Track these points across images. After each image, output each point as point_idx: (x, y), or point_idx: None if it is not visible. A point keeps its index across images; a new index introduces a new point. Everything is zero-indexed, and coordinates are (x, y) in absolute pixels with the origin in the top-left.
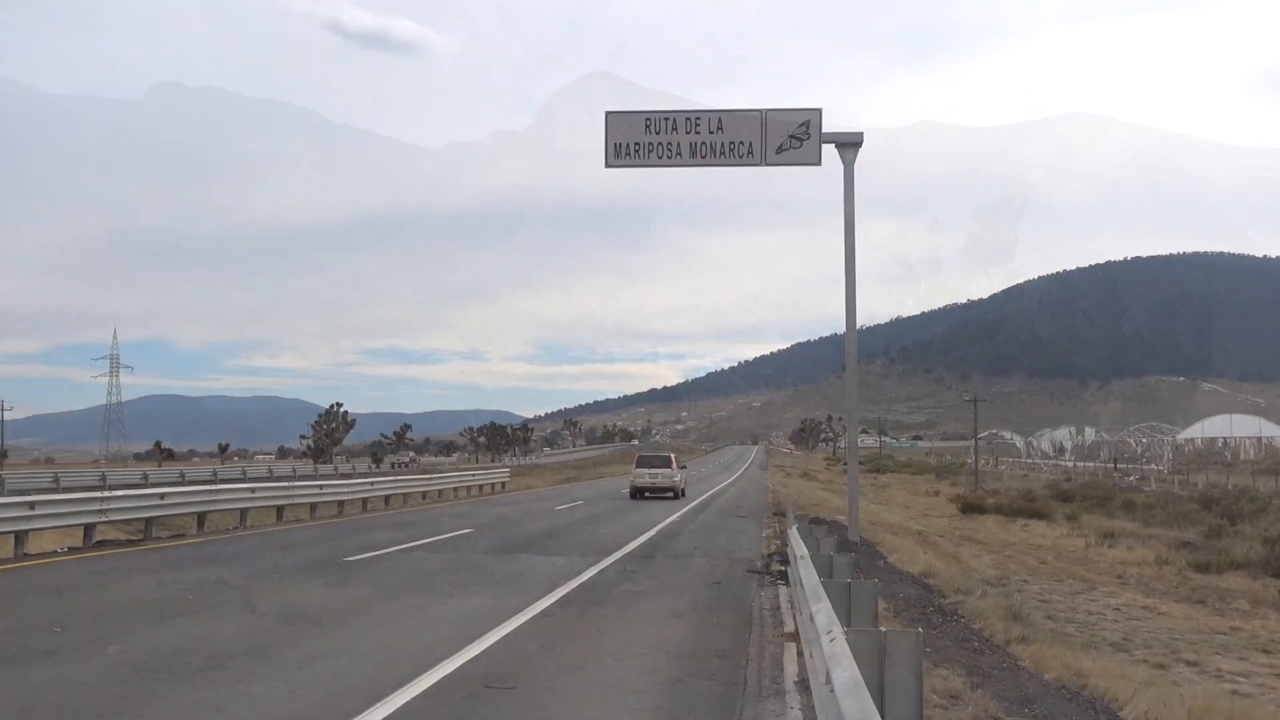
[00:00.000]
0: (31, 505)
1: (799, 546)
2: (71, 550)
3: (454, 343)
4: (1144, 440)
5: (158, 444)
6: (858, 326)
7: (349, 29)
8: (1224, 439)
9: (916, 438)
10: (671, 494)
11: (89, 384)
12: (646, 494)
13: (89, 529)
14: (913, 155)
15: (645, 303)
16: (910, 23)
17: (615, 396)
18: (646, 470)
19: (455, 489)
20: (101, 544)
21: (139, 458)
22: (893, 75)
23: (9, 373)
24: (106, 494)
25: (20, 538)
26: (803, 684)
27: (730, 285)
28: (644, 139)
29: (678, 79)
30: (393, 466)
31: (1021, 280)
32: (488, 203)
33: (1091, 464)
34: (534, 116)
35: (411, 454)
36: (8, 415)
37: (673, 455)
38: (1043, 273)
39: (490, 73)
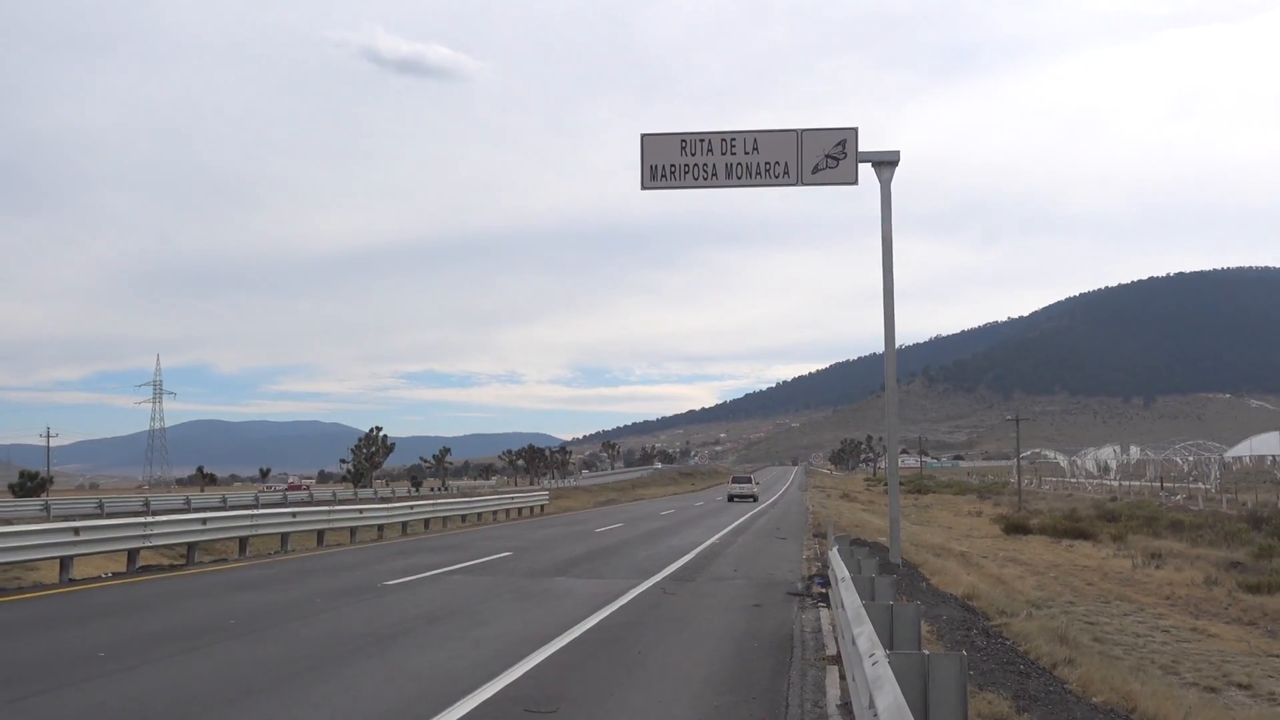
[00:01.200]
0: (76, 531)
1: (840, 568)
2: (115, 575)
3: (492, 366)
4: (1190, 458)
5: (200, 469)
6: (897, 345)
7: (384, 56)
8: (1274, 456)
9: (958, 458)
10: (753, 499)
11: (132, 410)
12: (735, 499)
13: (132, 554)
14: (950, 172)
15: (682, 324)
16: (944, 40)
17: (653, 418)
18: (738, 485)
19: (494, 512)
20: (145, 569)
21: (181, 483)
22: (928, 92)
23: (55, 400)
24: (150, 519)
25: (65, 563)
26: (845, 708)
27: (767, 305)
28: (680, 160)
29: (711, 101)
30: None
31: (1063, 297)
32: (525, 226)
33: (1137, 483)
34: (570, 140)
35: (296, 479)
36: (53, 442)
37: (753, 475)
38: (1084, 289)
39: (526, 98)
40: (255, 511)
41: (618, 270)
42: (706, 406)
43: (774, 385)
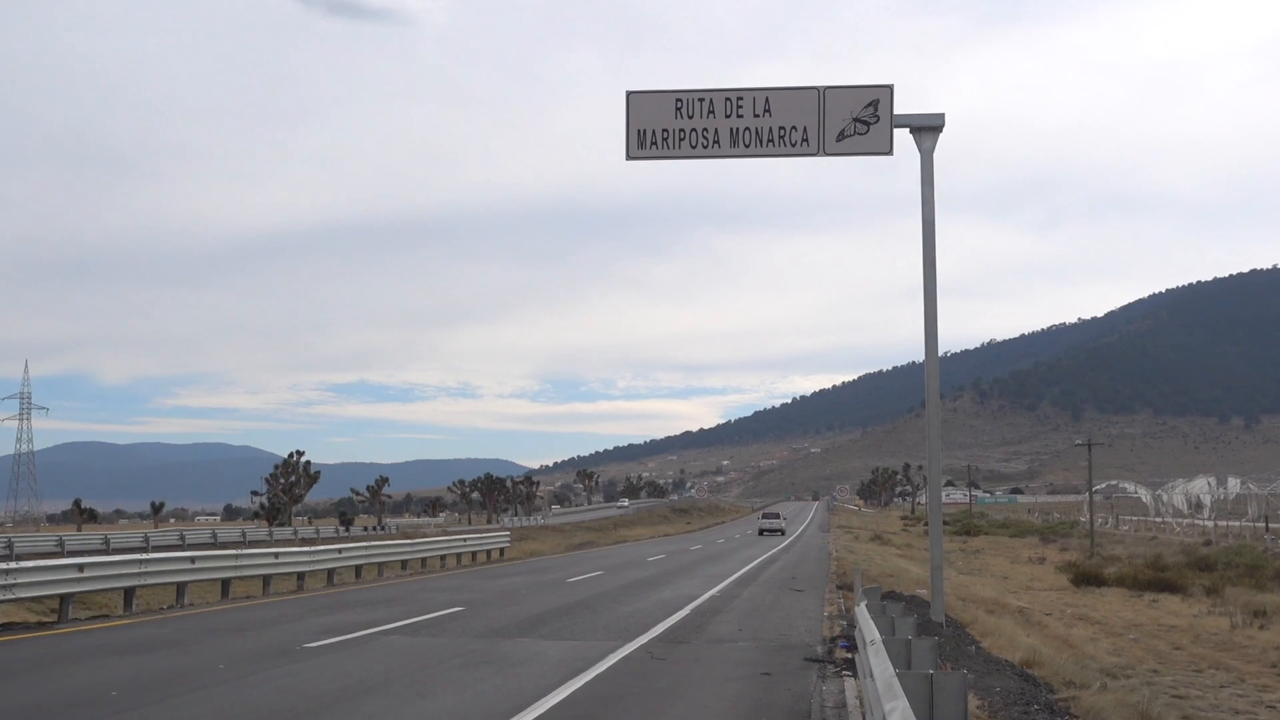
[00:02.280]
0: None
1: (869, 628)
2: None
3: (440, 376)
4: None
5: (77, 503)
6: (941, 353)
7: None
8: None
9: (1016, 491)
10: (781, 532)
11: None
12: (764, 532)
13: None
14: (1005, 140)
15: (675, 325)
16: None
17: (640, 441)
18: (767, 520)
19: (443, 557)
20: (6, 627)
21: (54, 520)
22: (977, 43)
23: None
24: (12, 565)
25: None
26: None
27: (780, 303)
28: (674, 125)
29: (712, 52)
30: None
31: (1145, 294)
32: (483, 204)
33: (1237, 523)
34: (540, 99)
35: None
36: None
37: (780, 510)
38: (1172, 284)
39: (485, 45)
40: (145, 556)
41: (597, 259)
42: (706, 427)
43: (789, 401)
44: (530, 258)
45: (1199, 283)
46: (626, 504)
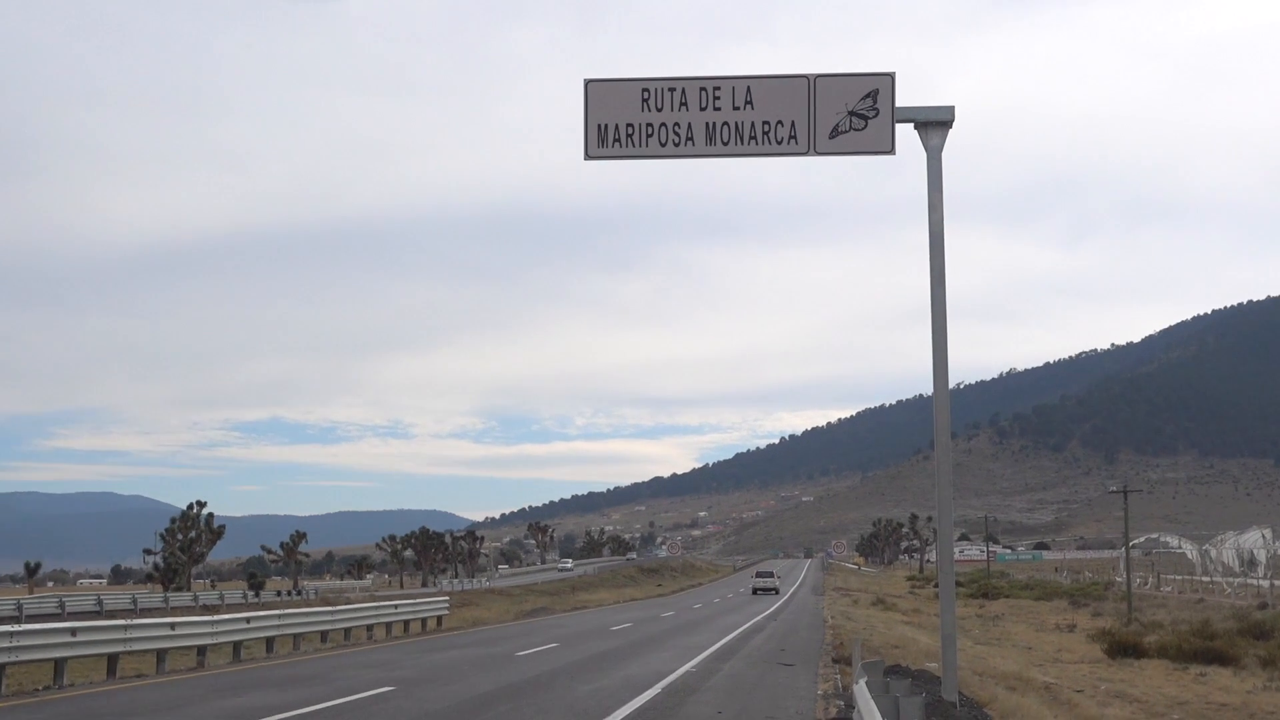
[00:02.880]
0: None
1: (869, 710)
2: None
3: (366, 412)
4: None
5: None
6: (953, 385)
7: None
8: None
9: (1040, 546)
10: (775, 591)
11: None
12: (758, 591)
13: None
14: (1026, 136)
15: (643, 352)
16: None
17: (601, 489)
18: (761, 579)
19: (370, 626)
20: None
21: None
22: (993, 23)
23: None
24: None
25: None
26: None
27: (766, 326)
28: (640, 119)
29: (684, 33)
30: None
31: (1189, 315)
32: (418, 209)
33: None
34: (486, 87)
35: None
36: None
37: (774, 569)
38: (1220, 304)
39: (423, 22)
40: (17, 628)
41: (551, 275)
42: (680, 473)
43: (776, 442)
44: (473, 273)
45: (1252, 302)
46: (570, 565)
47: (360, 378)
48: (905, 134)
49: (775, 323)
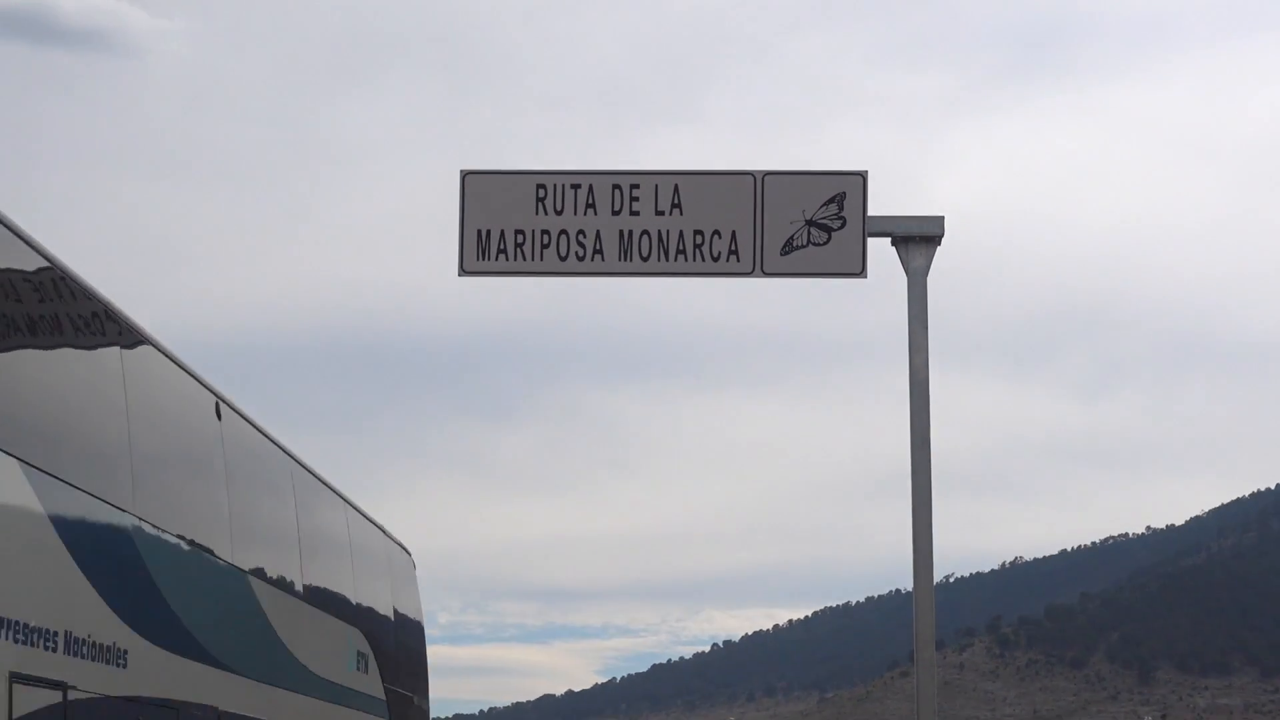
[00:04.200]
0: None
1: None
2: None
3: None
4: None
5: None
6: (940, 577)
7: None
8: None
9: None
10: None
11: None
12: None
13: None
14: (1032, 257)
15: (530, 527)
16: (1013, 16)
17: (472, 711)
18: None
19: None
20: None
21: None
22: (991, 108)
23: None
24: None
25: None
26: None
27: (695, 495)
28: (533, 223)
29: (590, 108)
30: None
31: (1246, 492)
32: (224, 332)
33: None
34: (321, 172)
35: None
36: None
37: None
38: None
39: (244, 90)
40: None
41: (407, 423)
42: (578, 689)
43: (706, 650)
44: (299, 418)
45: None
46: None
47: None
48: (880, 250)
49: (705, 491)
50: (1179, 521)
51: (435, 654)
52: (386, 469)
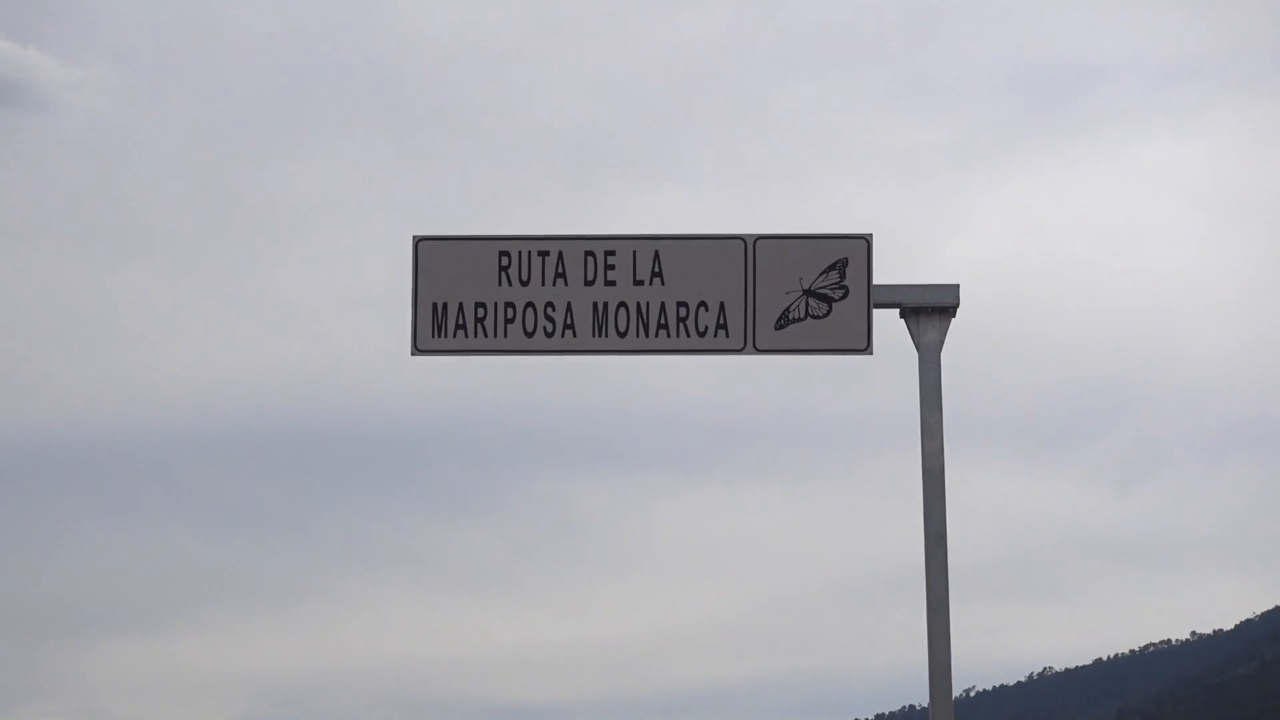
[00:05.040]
0: None
1: None
2: None
3: None
4: None
5: None
6: (958, 691)
7: None
8: None
9: None
10: None
11: None
12: None
13: None
14: (1057, 327)
15: (492, 638)
16: (1034, 61)
17: None
18: None
19: None
20: None
21: None
22: (1008, 162)
23: None
24: None
25: None
26: None
27: (677, 600)
28: (495, 295)
29: (553, 164)
30: None
31: None
32: (139, 420)
33: None
34: (258, 237)
35: None
36: None
37: None
38: None
39: (169, 142)
40: None
41: (351, 518)
42: None
43: None
44: (230, 516)
45: None
46: None
47: (58, 674)
48: (887, 324)
49: (689, 595)
50: (1228, 625)
51: None
52: (329, 573)
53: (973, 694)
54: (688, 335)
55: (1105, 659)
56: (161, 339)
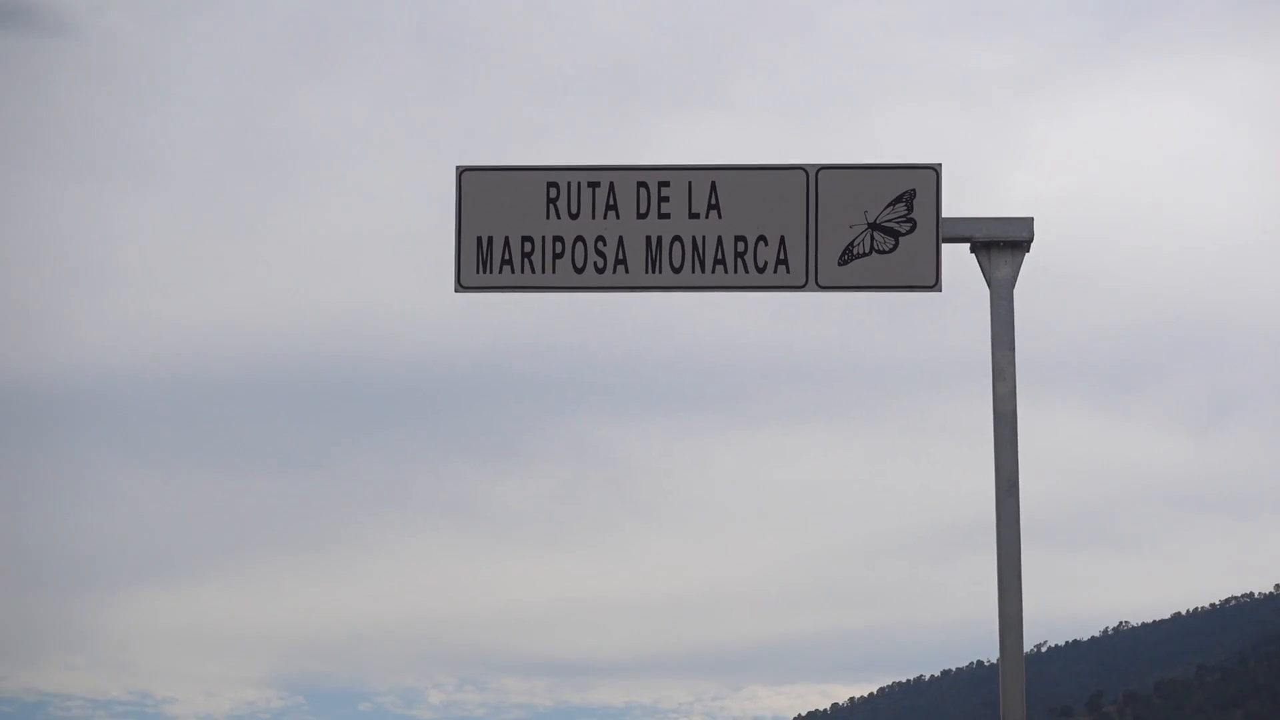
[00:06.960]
0: None
1: None
2: None
3: (94, 680)
4: None
5: None
6: (1030, 647)
7: None
8: None
9: None
10: None
11: None
12: None
13: None
14: (1134, 263)
15: (538, 588)
16: None
17: None
18: None
19: None
20: None
21: None
22: (1083, 83)
23: None
24: None
25: None
26: None
27: (730, 549)
28: (543, 229)
29: (599, 93)
30: None
31: None
32: (162, 359)
33: None
34: (289, 165)
35: None
36: None
37: None
38: None
39: (192, 69)
40: None
41: (391, 463)
42: None
43: None
44: (263, 459)
45: None
46: None
47: (84, 625)
48: (957, 259)
49: (745, 545)
50: None
51: None
52: (366, 520)
53: (1044, 649)
54: (746, 271)
55: (1184, 613)
56: (183, 277)
